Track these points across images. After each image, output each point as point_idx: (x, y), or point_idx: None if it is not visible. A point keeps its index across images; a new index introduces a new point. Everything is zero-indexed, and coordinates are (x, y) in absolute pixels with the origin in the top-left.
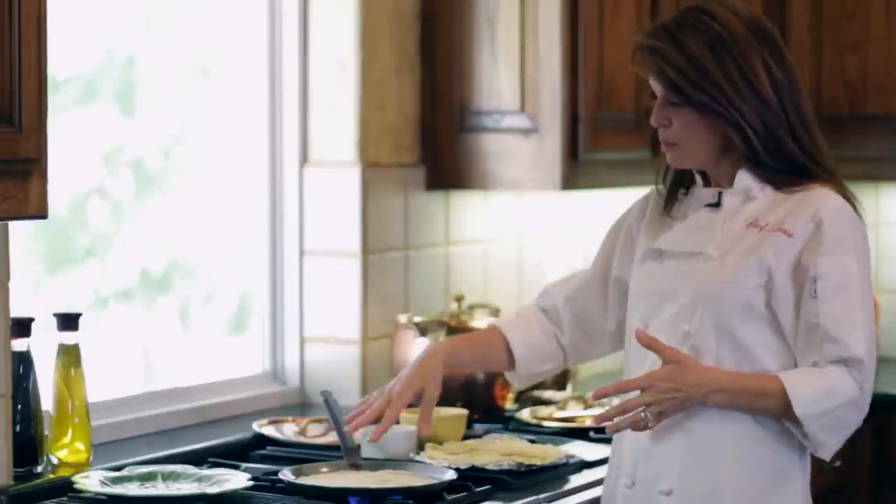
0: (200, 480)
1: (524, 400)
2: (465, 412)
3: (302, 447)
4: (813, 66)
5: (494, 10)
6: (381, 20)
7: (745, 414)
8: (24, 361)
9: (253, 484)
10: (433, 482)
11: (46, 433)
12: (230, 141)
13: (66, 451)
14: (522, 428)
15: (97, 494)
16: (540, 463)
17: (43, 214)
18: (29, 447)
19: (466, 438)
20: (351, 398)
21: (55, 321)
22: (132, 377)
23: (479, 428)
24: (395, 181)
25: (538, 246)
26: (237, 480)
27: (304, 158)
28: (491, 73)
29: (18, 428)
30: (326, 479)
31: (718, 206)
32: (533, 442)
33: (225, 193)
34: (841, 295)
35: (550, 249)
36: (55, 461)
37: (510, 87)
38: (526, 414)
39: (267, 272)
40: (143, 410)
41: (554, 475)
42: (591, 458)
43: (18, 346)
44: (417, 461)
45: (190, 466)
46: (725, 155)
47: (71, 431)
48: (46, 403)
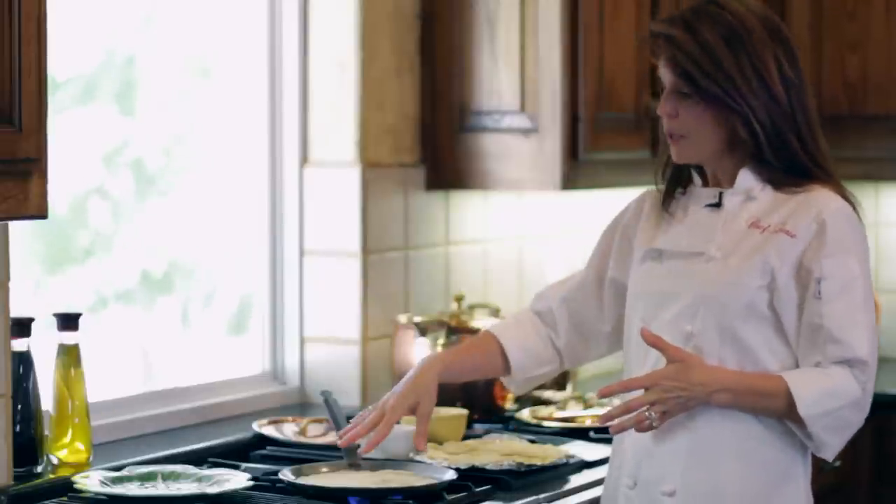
0: (200, 480)
1: (524, 400)
2: (465, 412)
3: (302, 447)
4: (813, 65)
5: (494, 10)
6: (381, 20)
7: (747, 414)
8: (24, 361)
9: (253, 484)
10: (433, 482)
11: (46, 433)
12: (230, 141)
13: (66, 451)
14: (522, 428)
15: (97, 494)
16: (540, 463)
17: (43, 214)
18: (29, 447)
19: (466, 438)
20: (351, 398)
21: (55, 321)
22: (132, 377)
23: (479, 428)
24: (395, 181)
25: (538, 246)
26: (237, 480)
27: (304, 158)
28: (491, 73)
29: (18, 428)
30: (326, 479)
31: (719, 206)
32: (533, 442)
33: (225, 193)
34: (844, 296)
35: (550, 249)
36: (55, 461)
37: (510, 87)
38: (526, 414)
39: (267, 272)
40: (143, 410)
41: (554, 475)
42: (591, 458)
43: (18, 346)
44: (417, 461)
45: (190, 466)
46: (729, 151)
47: (71, 431)
48: (46, 403)
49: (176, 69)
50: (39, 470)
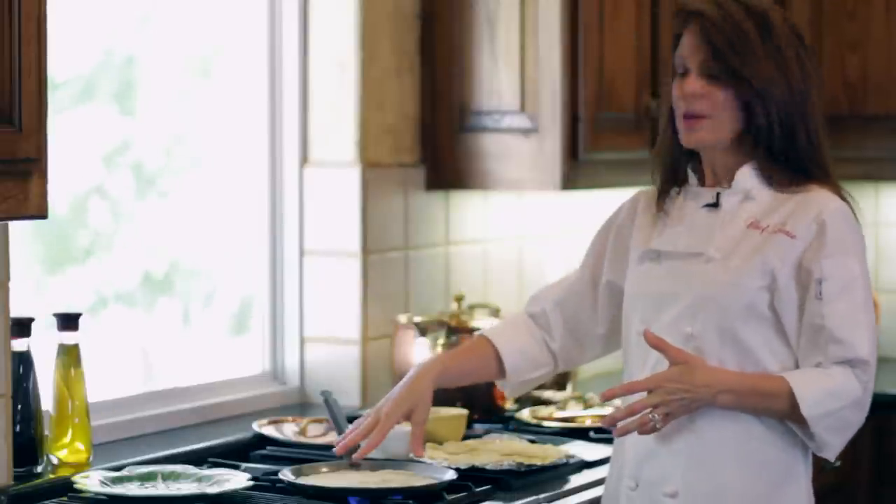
0: (200, 480)
1: (524, 400)
2: (465, 412)
3: (302, 447)
4: None
5: (494, 10)
6: (381, 20)
7: (749, 415)
8: (24, 361)
9: (253, 484)
10: (433, 482)
11: (46, 433)
12: (230, 141)
13: (66, 451)
14: (522, 428)
15: (97, 494)
16: (540, 463)
17: (43, 214)
18: (29, 447)
19: (466, 438)
20: (351, 398)
21: (55, 321)
22: (132, 377)
23: (479, 428)
24: (395, 181)
25: (538, 246)
26: (237, 480)
27: (304, 158)
28: (491, 73)
29: (18, 428)
30: (326, 479)
31: (717, 206)
32: (533, 442)
33: (225, 193)
34: (845, 296)
35: (550, 249)
36: (55, 461)
37: (510, 87)
38: (526, 414)
39: (267, 272)
40: (143, 410)
41: (554, 475)
42: (591, 458)
43: (18, 346)
44: (417, 461)
45: (190, 466)
46: (738, 143)
47: (71, 431)
48: (46, 403)
49: (176, 69)
50: (39, 470)
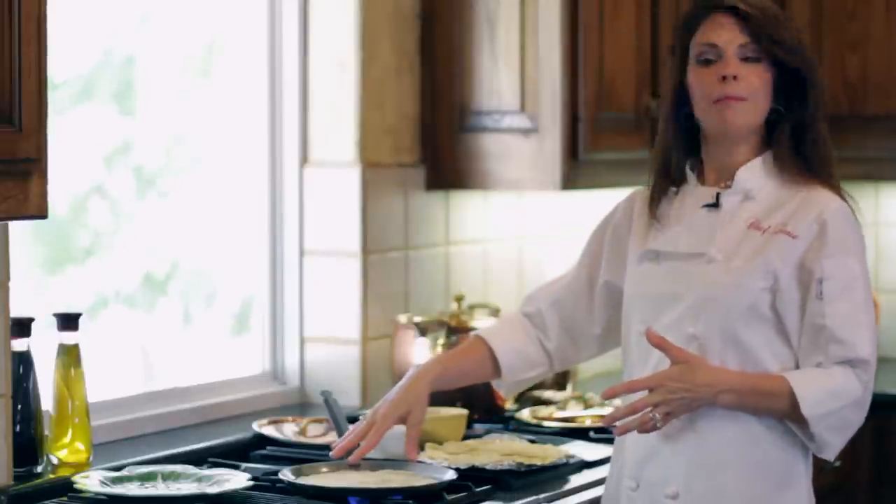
0: (200, 480)
1: (524, 400)
2: (465, 412)
3: (302, 447)
4: None
5: (494, 10)
6: (381, 20)
7: (750, 416)
8: (24, 361)
9: (253, 484)
10: (433, 482)
11: (46, 433)
12: (230, 141)
13: (66, 451)
14: (522, 428)
15: (97, 494)
16: (540, 463)
17: (43, 214)
18: (29, 447)
19: (466, 438)
20: (351, 398)
21: (55, 321)
22: (132, 377)
23: (479, 428)
24: (395, 181)
25: (538, 246)
26: (237, 480)
27: (304, 158)
28: (491, 73)
29: (18, 428)
30: (326, 479)
31: (717, 206)
32: (533, 442)
33: (225, 193)
34: (846, 296)
35: (550, 249)
36: (55, 461)
37: (510, 87)
38: (526, 414)
39: (267, 272)
40: (143, 410)
41: (554, 475)
42: (591, 458)
43: (18, 346)
44: (417, 461)
45: (190, 466)
46: (755, 134)
47: (71, 431)
48: (46, 403)
49: (175, 69)
50: (39, 470)
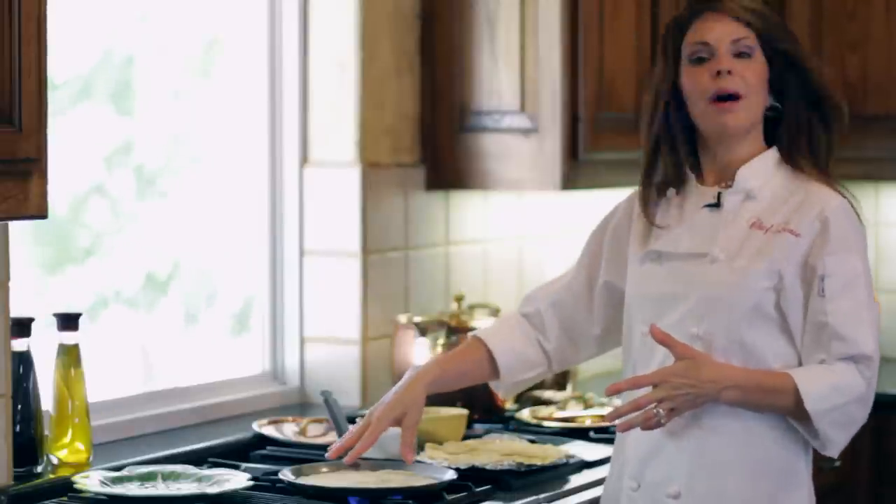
0: (200, 480)
1: (524, 400)
2: (465, 412)
3: (302, 447)
4: None
5: (494, 10)
6: (381, 20)
7: (753, 414)
8: (24, 361)
9: (253, 484)
10: (433, 482)
11: (46, 433)
12: (230, 141)
13: (66, 451)
14: (522, 428)
15: (97, 494)
16: (540, 463)
17: (43, 214)
18: (29, 447)
19: (466, 438)
20: (351, 398)
21: (55, 321)
22: (132, 377)
23: (479, 428)
24: (394, 181)
25: (538, 246)
26: (237, 480)
27: (304, 158)
28: (491, 73)
29: (18, 428)
30: (326, 479)
31: (718, 206)
32: (533, 442)
33: (225, 193)
34: (848, 293)
35: (550, 249)
36: (55, 461)
37: (510, 87)
38: (526, 414)
39: (267, 272)
40: (143, 410)
41: (554, 475)
42: (591, 458)
43: (18, 346)
44: (417, 461)
45: (190, 466)
46: (756, 130)
47: (71, 431)
48: (46, 403)
49: (175, 69)
50: (39, 470)
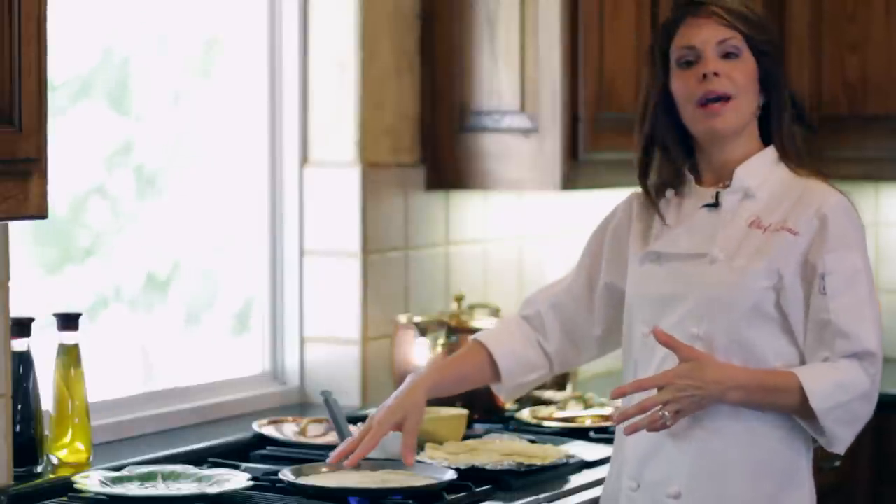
0: (200, 480)
1: (524, 400)
2: (465, 412)
3: (302, 447)
4: (813, 66)
5: (494, 10)
6: (381, 20)
7: (755, 414)
8: (24, 361)
9: (253, 484)
10: (433, 482)
11: (46, 433)
12: (230, 141)
13: (66, 451)
14: (522, 428)
15: (97, 494)
16: (540, 463)
17: (43, 214)
18: (29, 447)
19: (466, 438)
20: (351, 398)
21: (55, 321)
22: (132, 377)
23: (479, 428)
24: (394, 181)
25: (538, 246)
26: (237, 480)
27: (304, 158)
28: (491, 73)
29: (18, 428)
30: (326, 479)
31: (716, 206)
32: (533, 442)
33: (225, 193)
34: (849, 290)
35: (550, 249)
36: (55, 461)
37: (510, 87)
38: (526, 414)
39: (267, 272)
40: (143, 410)
41: (554, 475)
42: (591, 458)
43: (18, 346)
44: (417, 461)
45: (190, 466)
46: (749, 130)
47: (71, 431)
48: (46, 403)
49: (175, 69)
50: (39, 470)
